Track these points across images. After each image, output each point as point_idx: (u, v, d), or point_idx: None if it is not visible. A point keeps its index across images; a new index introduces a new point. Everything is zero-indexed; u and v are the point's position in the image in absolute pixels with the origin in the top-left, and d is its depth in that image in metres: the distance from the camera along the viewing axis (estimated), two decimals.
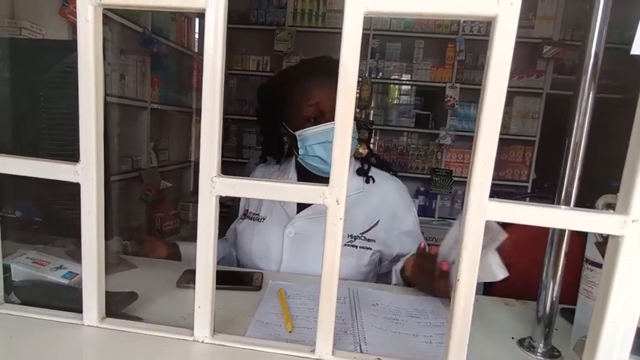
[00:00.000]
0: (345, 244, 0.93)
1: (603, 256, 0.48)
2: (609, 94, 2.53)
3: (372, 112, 3.33)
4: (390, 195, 1.04)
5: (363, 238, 0.97)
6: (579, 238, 0.63)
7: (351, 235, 0.97)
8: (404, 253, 0.98)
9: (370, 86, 3.16)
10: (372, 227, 0.99)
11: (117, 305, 0.61)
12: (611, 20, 0.57)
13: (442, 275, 0.72)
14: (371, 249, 0.97)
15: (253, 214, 1.06)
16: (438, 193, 3.22)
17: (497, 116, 0.44)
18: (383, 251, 1.00)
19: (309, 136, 0.94)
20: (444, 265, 0.72)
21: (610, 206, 0.53)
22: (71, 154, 0.55)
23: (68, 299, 0.61)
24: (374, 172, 1.06)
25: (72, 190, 0.55)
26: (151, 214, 2.51)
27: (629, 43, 0.53)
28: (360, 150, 1.01)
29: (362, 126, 3.19)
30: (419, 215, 3.29)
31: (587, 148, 0.59)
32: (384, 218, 1.00)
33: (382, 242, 0.99)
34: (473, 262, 0.48)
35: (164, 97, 2.62)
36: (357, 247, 0.96)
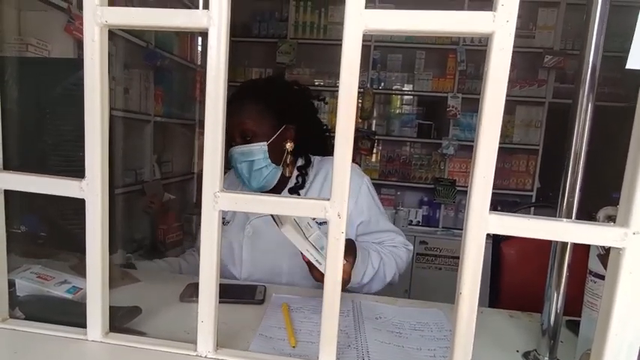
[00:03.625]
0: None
1: (606, 268, 0.48)
2: (612, 102, 2.54)
3: (374, 122, 3.34)
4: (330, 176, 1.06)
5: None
6: (584, 248, 0.63)
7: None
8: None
9: (372, 97, 3.18)
10: None
11: (120, 320, 0.62)
12: (612, 29, 0.58)
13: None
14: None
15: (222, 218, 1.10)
16: (442, 203, 3.21)
17: (496, 131, 0.44)
18: None
19: (231, 156, 1.02)
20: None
21: (611, 218, 0.53)
22: (78, 170, 0.55)
23: (72, 314, 0.61)
24: (316, 160, 1.10)
25: (77, 205, 0.55)
26: (155, 227, 2.51)
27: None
28: (288, 166, 1.02)
29: (365, 136, 3.22)
30: (423, 225, 3.26)
31: (589, 158, 0.59)
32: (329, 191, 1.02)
33: None
34: (475, 275, 0.48)
35: (167, 110, 2.65)
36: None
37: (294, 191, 1.04)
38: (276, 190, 1.04)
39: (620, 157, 0.50)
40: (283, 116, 1.02)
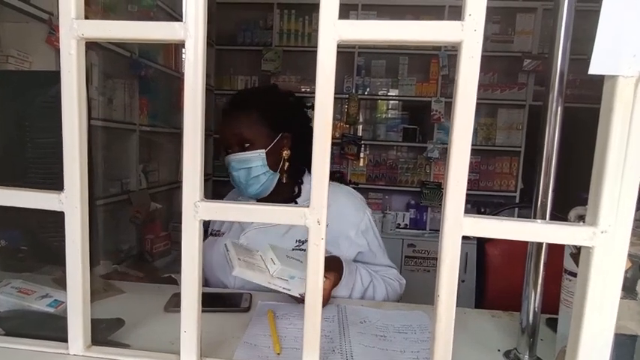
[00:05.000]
0: (294, 249, 0.98)
1: (578, 266, 0.50)
2: (582, 103, 2.60)
3: (360, 127, 3.37)
4: (337, 199, 1.05)
5: None
6: (562, 245, 0.64)
7: (299, 240, 1.01)
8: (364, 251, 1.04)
9: (357, 102, 3.21)
10: None
11: (103, 333, 0.61)
12: (582, 33, 0.60)
13: None
14: None
15: (216, 230, 1.13)
16: (429, 206, 3.25)
17: (467, 137, 0.46)
18: (331, 251, 1.01)
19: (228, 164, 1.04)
20: None
21: (581, 218, 0.55)
22: (58, 183, 0.55)
23: (54, 328, 0.60)
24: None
25: (57, 218, 0.55)
26: (142, 236, 2.48)
27: None
28: (284, 173, 1.02)
29: (351, 141, 3.24)
30: (411, 228, 3.27)
31: (562, 159, 0.61)
32: (333, 222, 1.02)
33: (329, 243, 1.01)
34: (452, 277, 0.49)
35: (153, 119, 2.63)
36: (305, 250, 1.00)
37: (292, 200, 1.06)
38: (272, 198, 1.05)
39: (591, 157, 0.52)
40: (279, 124, 1.03)
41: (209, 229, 1.15)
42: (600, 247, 0.46)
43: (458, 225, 0.48)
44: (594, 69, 0.45)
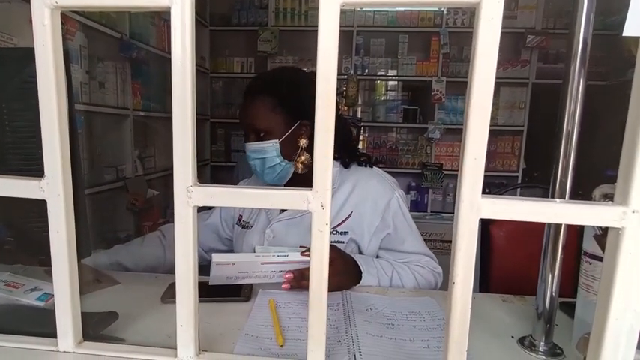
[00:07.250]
0: None
1: (603, 249, 0.46)
2: (594, 80, 2.55)
3: (359, 109, 3.30)
4: (364, 182, 1.01)
5: (335, 232, 0.97)
6: (574, 226, 0.61)
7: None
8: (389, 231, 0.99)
9: (356, 83, 3.14)
10: (344, 220, 0.98)
11: (95, 327, 0.58)
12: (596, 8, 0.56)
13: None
14: (344, 242, 0.97)
15: (245, 221, 1.10)
16: (430, 188, 3.21)
17: (486, 108, 0.41)
18: (357, 241, 0.98)
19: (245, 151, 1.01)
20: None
21: (607, 197, 0.51)
22: (40, 170, 0.51)
23: (44, 323, 0.57)
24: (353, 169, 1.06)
25: (41, 207, 0.51)
26: (139, 224, 2.45)
27: (611, 29, 0.51)
28: (299, 164, 0.95)
29: (350, 123, 3.18)
30: (412, 211, 3.25)
31: (579, 137, 0.57)
32: (357, 208, 0.98)
33: (354, 232, 0.98)
34: (468, 263, 0.45)
35: (147, 104, 2.57)
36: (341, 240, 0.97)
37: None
38: (292, 185, 1.00)
39: (607, 134, 0.48)
40: (298, 111, 0.96)
41: (237, 214, 1.11)
42: (631, 228, 0.42)
43: (475, 207, 0.44)
44: (629, 30, 0.40)
